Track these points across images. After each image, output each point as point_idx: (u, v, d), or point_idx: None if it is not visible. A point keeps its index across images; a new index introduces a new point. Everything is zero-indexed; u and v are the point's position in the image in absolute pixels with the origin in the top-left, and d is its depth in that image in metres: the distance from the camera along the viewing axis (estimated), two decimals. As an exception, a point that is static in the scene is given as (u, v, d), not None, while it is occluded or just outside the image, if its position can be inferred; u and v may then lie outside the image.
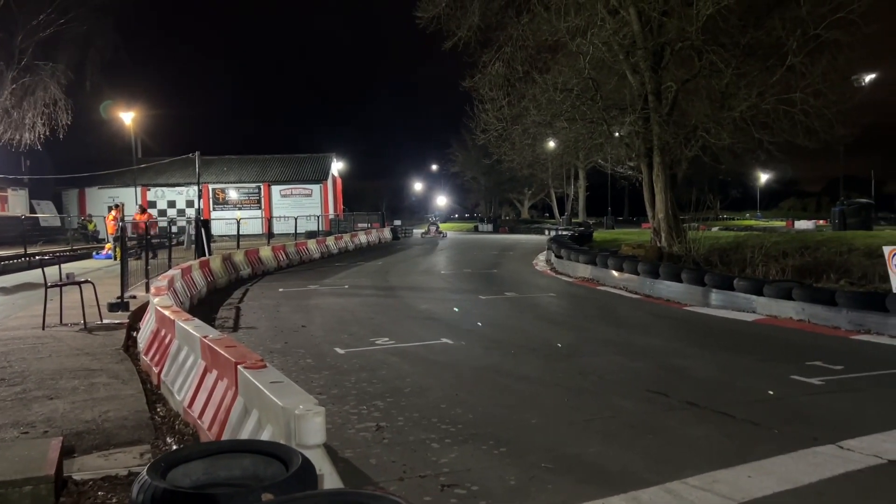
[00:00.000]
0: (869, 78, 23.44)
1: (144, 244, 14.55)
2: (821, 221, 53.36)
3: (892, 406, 6.44)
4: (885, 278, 11.51)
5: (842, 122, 17.70)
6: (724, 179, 71.90)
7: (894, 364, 8.12)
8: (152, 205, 44.38)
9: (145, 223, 16.42)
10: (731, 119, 18.32)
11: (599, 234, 34.69)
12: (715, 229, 34.55)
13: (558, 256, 21.53)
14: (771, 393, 6.05)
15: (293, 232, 32.32)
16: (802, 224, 54.22)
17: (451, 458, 5.07)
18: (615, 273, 17.06)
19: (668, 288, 14.63)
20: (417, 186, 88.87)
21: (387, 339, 9.89)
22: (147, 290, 12.42)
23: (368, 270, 21.88)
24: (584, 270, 18.91)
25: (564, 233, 35.06)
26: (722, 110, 18.55)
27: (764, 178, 77.40)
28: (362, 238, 35.43)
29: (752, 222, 61.90)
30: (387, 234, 41.66)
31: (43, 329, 9.48)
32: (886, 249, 11.38)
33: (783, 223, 58.02)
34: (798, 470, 4.78)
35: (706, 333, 10.74)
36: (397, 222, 51.82)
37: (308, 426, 3.51)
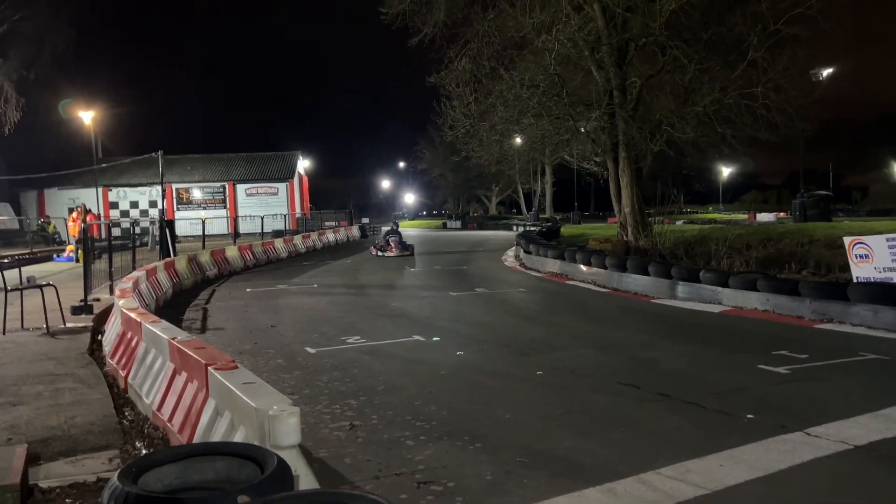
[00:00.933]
0: (827, 73, 23.98)
1: (86, 247, 13.94)
2: (782, 214, 54.48)
3: (857, 393, 6.59)
4: (846, 268, 11.79)
5: (802, 117, 18.10)
6: (687, 174, 73.01)
7: (857, 351, 8.31)
8: (114, 205, 43.54)
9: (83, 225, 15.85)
10: (695, 114, 18.60)
11: (567, 230, 34.99)
12: (679, 223, 35.02)
13: (527, 252, 21.63)
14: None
15: (260, 231, 31.95)
16: (764, 216, 55.32)
17: (426, 456, 5.05)
18: (583, 267, 17.20)
19: (635, 281, 14.79)
20: (385, 184, 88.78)
21: (358, 337, 9.83)
22: (111, 292, 12.17)
23: (338, 269, 21.74)
24: (552, 265, 19.03)
25: (532, 228, 35.26)
26: (685, 105, 18.82)
27: (726, 171, 78.78)
28: (330, 236, 35.18)
29: (716, 215, 62.95)
30: (355, 232, 41.44)
31: (3, 334, 9.22)
32: (847, 240, 11.65)
33: (745, 216, 59.14)
34: (768, 458, 4.86)
35: (675, 325, 10.88)
36: (365, 220, 51.66)
37: (283, 427, 3.47)
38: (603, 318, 11.87)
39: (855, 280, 11.05)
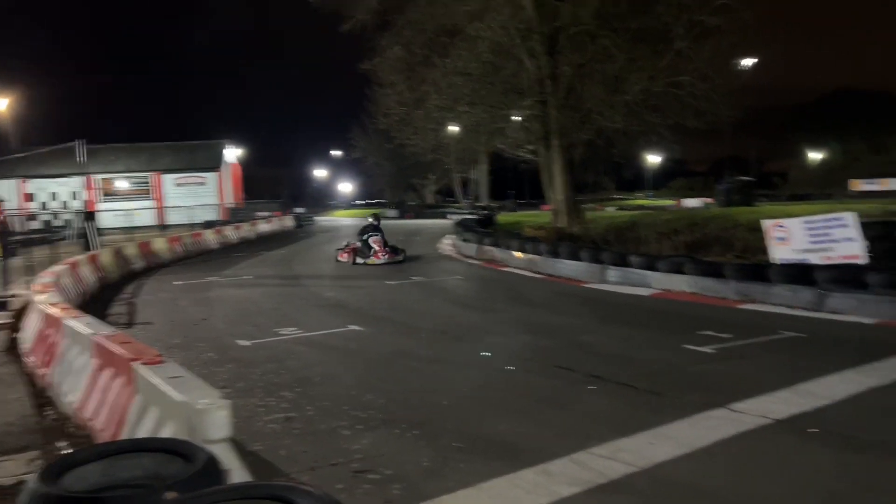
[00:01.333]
0: (750, 62, 24.88)
1: (3, 241, 13.28)
2: (709, 199, 56.08)
3: (777, 369, 6.89)
4: (767, 250, 12.29)
5: (726, 104, 18.73)
6: (617, 162, 74.46)
7: (777, 330, 8.68)
8: (32, 197, 41.58)
9: None
10: (624, 102, 19.02)
11: (502, 218, 35.25)
12: (610, 209, 35.87)
13: (464, 240, 21.74)
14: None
15: (189, 222, 31.07)
16: (691, 202, 56.85)
17: (363, 445, 5.03)
18: (518, 254, 17.40)
19: (568, 267, 15.06)
20: (320, 173, 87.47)
21: (293, 328, 9.68)
22: (30, 287, 11.62)
23: (271, 260, 21.36)
24: (488, 253, 19.18)
25: (469, 217, 35.39)
26: (615, 94, 19.21)
27: (654, 159, 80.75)
28: (264, 227, 34.51)
29: (644, 202, 64.48)
30: (289, 222, 40.70)
31: (-89, 334, 8.71)
32: (766, 223, 12.14)
33: (673, 202, 60.69)
34: (694, 434, 5.04)
35: (606, 309, 11.13)
36: (300, 210, 50.81)
37: (212, 420, 3.38)
38: (538, 304, 12.05)
39: (774, 261, 11.53)
